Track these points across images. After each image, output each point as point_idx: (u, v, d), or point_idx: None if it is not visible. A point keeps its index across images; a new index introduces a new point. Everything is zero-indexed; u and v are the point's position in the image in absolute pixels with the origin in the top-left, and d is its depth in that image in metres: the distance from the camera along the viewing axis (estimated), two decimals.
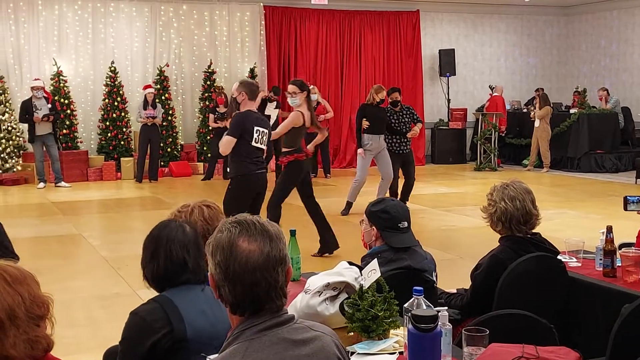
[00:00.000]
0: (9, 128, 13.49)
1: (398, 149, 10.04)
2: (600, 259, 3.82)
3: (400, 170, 10.13)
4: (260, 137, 6.32)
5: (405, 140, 10.07)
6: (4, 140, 13.40)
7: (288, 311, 1.94)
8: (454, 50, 17.29)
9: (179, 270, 2.60)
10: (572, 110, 15.72)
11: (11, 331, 1.88)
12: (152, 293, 2.69)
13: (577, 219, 9.53)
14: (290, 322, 1.89)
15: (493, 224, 3.67)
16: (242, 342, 1.83)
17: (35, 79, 13.15)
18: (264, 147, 6.42)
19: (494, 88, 16.44)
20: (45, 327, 1.98)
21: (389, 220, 3.43)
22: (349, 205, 9.98)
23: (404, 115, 10.11)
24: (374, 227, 3.48)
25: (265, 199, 6.67)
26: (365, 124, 9.62)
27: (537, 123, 15.06)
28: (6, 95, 13.60)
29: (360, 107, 10.19)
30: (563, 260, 3.84)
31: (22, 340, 1.90)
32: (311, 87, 14.20)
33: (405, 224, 3.44)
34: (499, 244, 3.67)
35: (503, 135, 16.29)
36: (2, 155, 13.39)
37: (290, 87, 7.17)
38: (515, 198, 3.58)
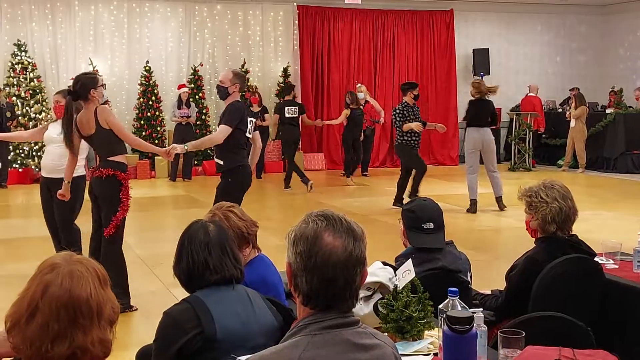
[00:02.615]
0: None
1: (416, 143, 10.13)
2: (638, 261, 3.77)
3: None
4: (251, 127, 6.16)
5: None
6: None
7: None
8: (488, 49, 17.14)
9: (201, 272, 2.62)
10: (608, 110, 15.51)
11: (94, 327, 1.93)
12: (186, 292, 2.71)
13: (614, 220, 9.39)
14: (355, 325, 1.89)
15: (546, 224, 3.54)
16: (305, 336, 1.83)
17: (72, 79, 13.29)
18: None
19: (529, 87, 16.28)
20: (111, 333, 2.03)
21: (413, 219, 3.40)
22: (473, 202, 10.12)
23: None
24: (402, 225, 3.49)
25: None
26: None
27: (572, 123, 14.87)
28: (43, 94, 13.81)
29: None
30: (600, 262, 3.78)
31: (99, 338, 1.94)
32: (358, 85, 14.28)
33: (431, 225, 3.38)
34: (534, 245, 3.63)
35: (542, 134, 16.12)
36: (39, 154, 13.59)
37: None
38: (566, 197, 3.54)
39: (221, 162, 6.11)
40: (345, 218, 1.92)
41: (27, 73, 13.65)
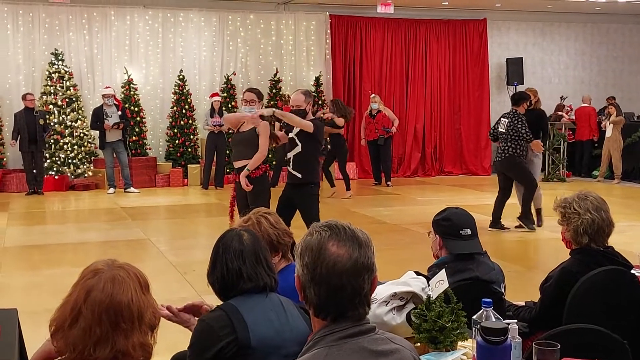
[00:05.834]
0: (81, 135, 13.89)
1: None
2: None
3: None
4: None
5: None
6: (76, 147, 13.80)
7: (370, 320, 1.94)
8: (522, 58, 17.01)
9: (234, 280, 2.63)
10: None
11: (135, 332, 1.97)
12: (219, 299, 2.73)
13: None
14: (372, 332, 1.89)
15: (578, 236, 3.51)
16: (322, 348, 1.83)
17: (107, 87, 13.53)
18: None
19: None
20: (152, 338, 2.05)
21: (450, 227, 3.40)
22: (538, 212, 9.52)
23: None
24: (437, 235, 3.46)
25: None
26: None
27: (608, 133, 14.68)
28: (79, 102, 14.01)
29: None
30: (636, 274, 3.73)
31: (140, 343, 1.97)
32: (372, 95, 14.27)
33: (468, 231, 3.39)
34: (569, 256, 3.59)
35: (595, 144, 15.88)
36: (74, 161, 13.79)
37: (248, 95, 6.81)
38: (600, 209, 3.49)
39: (299, 175, 6.46)
40: (349, 226, 1.93)
41: (64, 82, 13.86)
